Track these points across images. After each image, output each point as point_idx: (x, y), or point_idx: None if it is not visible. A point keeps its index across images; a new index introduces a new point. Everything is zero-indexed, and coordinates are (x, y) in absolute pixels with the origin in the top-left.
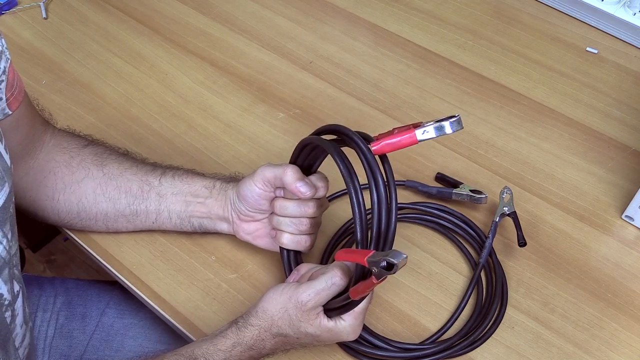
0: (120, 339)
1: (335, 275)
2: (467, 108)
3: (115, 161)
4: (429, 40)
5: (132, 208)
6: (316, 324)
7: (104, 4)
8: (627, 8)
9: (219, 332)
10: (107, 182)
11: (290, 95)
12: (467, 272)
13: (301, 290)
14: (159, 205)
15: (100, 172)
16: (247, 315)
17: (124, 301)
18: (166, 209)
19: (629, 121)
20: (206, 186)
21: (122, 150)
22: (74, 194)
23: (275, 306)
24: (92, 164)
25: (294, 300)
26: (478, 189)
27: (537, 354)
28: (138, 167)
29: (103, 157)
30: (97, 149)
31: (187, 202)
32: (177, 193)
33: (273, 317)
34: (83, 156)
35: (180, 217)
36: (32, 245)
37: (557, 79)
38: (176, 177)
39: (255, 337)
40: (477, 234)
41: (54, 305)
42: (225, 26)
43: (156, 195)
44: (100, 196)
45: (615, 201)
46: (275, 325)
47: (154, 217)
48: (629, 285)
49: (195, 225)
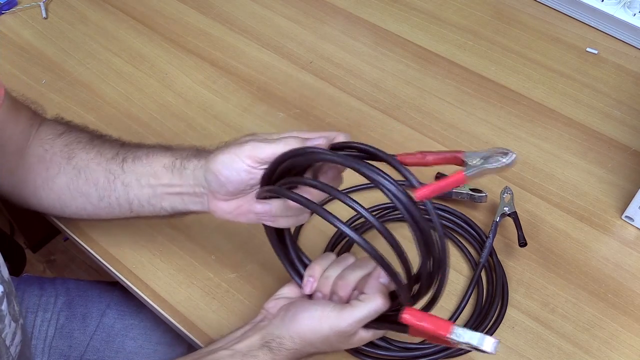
0: (121, 339)
1: (377, 303)
2: (467, 108)
3: (82, 150)
4: (429, 40)
5: (105, 201)
6: (356, 340)
7: (103, 4)
8: (627, 9)
9: (248, 351)
10: (77, 176)
11: (290, 95)
12: (467, 271)
13: (342, 320)
14: (127, 195)
15: (70, 165)
16: (280, 339)
17: (125, 302)
18: (135, 198)
19: (629, 121)
20: (165, 165)
21: (93, 133)
22: (53, 191)
23: (314, 335)
24: (62, 158)
25: (336, 330)
26: (478, 188)
27: (537, 354)
28: (102, 155)
29: (71, 148)
30: (69, 138)
31: (152, 186)
32: (140, 178)
33: (312, 343)
34: (55, 149)
35: (151, 204)
36: (32, 245)
37: (557, 79)
38: (136, 161)
39: (291, 357)
40: (478, 233)
41: (55, 306)
42: (225, 26)
43: (122, 184)
44: (75, 192)
45: (615, 201)
46: (314, 347)
47: (127, 207)
48: (629, 285)
49: (168, 209)
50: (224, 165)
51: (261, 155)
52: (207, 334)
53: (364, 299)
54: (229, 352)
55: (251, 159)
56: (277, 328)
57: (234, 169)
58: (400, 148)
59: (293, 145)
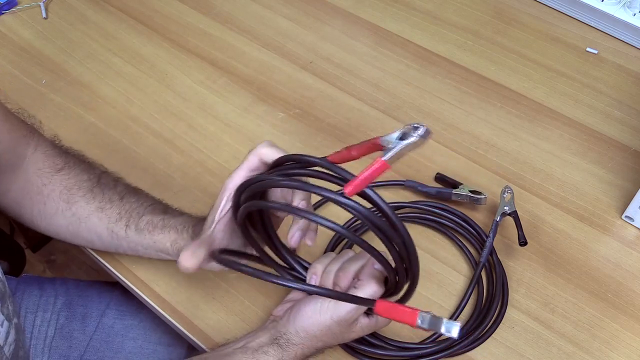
0: (121, 339)
1: (371, 287)
2: (467, 108)
3: (82, 199)
4: (429, 40)
5: (110, 249)
6: (358, 328)
7: (103, 4)
8: (627, 8)
9: (259, 347)
10: (78, 224)
11: (290, 95)
12: (467, 271)
13: (341, 308)
14: (133, 250)
15: (69, 211)
16: (287, 335)
17: (125, 302)
18: (144, 254)
19: (629, 121)
20: (172, 243)
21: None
22: (51, 225)
23: (317, 326)
24: (61, 200)
25: (336, 318)
26: (478, 189)
27: (537, 354)
28: (103, 211)
29: (71, 193)
30: (68, 180)
31: (157, 253)
32: (146, 247)
33: (316, 336)
34: (53, 186)
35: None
36: (32, 245)
37: (557, 79)
38: (139, 232)
39: (300, 352)
40: (478, 233)
41: (54, 306)
42: (225, 26)
43: (127, 243)
44: (75, 235)
45: (615, 201)
46: (320, 340)
47: (135, 254)
48: (629, 285)
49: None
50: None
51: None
52: (207, 334)
53: (359, 285)
54: (240, 348)
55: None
56: (283, 326)
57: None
58: None
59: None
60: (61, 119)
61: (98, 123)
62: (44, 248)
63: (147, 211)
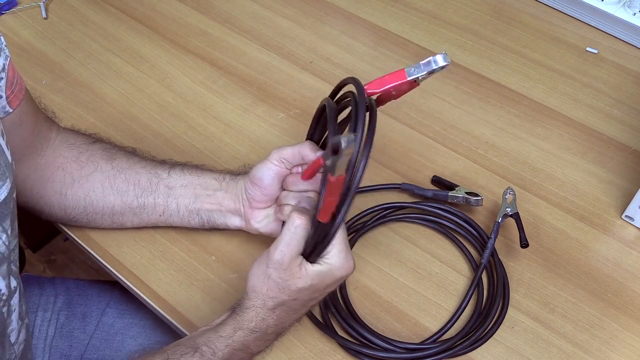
0: (121, 338)
1: (294, 219)
2: (467, 108)
3: (124, 155)
4: (429, 40)
5: (140, 200)
6: (303, 274)
7: (103, 4)
8: (627, 8)
9: (220, 321)
10: (115, 175)
11: (290, 95)
12: (467, 271)
13: (272, 250)
14: (167, 197)
15: (109, 165)
16: (241, 300)
17: (125, 301)
18: (174, 202)
19: (629, 121)
20: (216, 178)
21: (130, 148)
22: (82, 188)
23: (258, 278)
24: (101, 158)
25: (270, 263)
26: (478, 189)
27: (537, 354)
28: (147, 161)
29: (112, 152)
30: (106, 145)
31: (197, 195)
32: (187, 185)
33: (262, 291)
34: (92, 151)
35: (189, 210)
36: (32, 245)
37: (557, 79)
38: (185, 170)
39: (254, 317)
40: (479, 233)
41: (55, 305)
42: (225, 26)
43: (165, 187)
44: (108, 189)
45: (615, 201)
46: (268, 298)
47: (161, 209)
48: (629, 285)
49: (204, 218)
50: (258, 170)
51: (284, 154)
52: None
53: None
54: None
55: (277, 160)
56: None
57: (265, 170)
58: (400, 148)
59: (307, 147)
60: (62, 119)
61: (98, 123)
62: (44, 248)
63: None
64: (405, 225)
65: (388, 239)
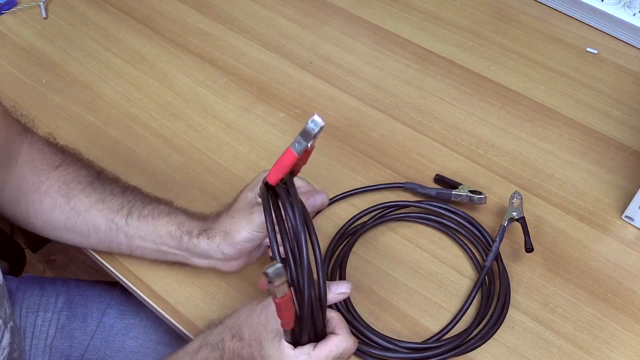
0: (121, 339)
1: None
2: (467, 108)
3: (82, 193)
4: (429, 40)
5: (105, 244)
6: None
7: (103, 4)
8: (627, 8)
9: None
10: (75, 217)
11: (290, 95)
12: (469, 272)
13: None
14: (129, 244)
15: (68, 205)
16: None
17: (125, 301)
18: (138, 248)
19: (629, 121)
20: (172, 234)
21: (92, 172)
22: (47, 222)
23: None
24: (59, 195)
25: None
26: (478, 189)
27: (537, 354)
28: (104, 203)
29: (70, 187)
30: (66, 175)
31: (157, 244)
32: (145, 237)
33: (240, 316)
34: (51, 182)
35: (154, 256)
36: (32, 245)
37: (557, 79)
38: (142, 219)
39: (218, 334)
40: (483, 235)
41: (55, 305)
42: (225, 26)
43: (124, 236)
44: (72, 230)
45: (615, 201)
46: (236, 326)
47: (128, 252)
48: (629, 285)
49: (171, 261)
50: (244, 239)
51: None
52: None
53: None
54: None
55: (261, 227)
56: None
57: (252, 239)
58: (400, 148)
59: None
60: (61, 119)
61: (98, 123)
62: (44, 248)
63: (151, 201)
64: (406, 224)
65: (389, 238)
